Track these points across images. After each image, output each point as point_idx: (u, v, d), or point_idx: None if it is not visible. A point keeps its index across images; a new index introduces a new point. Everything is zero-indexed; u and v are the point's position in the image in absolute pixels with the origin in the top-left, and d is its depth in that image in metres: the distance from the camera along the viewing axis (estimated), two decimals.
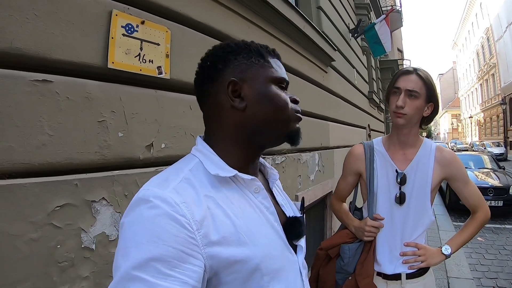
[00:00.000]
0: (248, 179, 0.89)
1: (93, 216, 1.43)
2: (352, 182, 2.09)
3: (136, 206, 0.75)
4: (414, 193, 1.85)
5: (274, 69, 0.94)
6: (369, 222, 1.87)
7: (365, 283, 1.82)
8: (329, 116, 4.89)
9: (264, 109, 0.90)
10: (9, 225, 1.17)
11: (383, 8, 11.24)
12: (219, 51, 0.92)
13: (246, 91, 0.90)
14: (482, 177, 10.40)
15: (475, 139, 49.15)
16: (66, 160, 1.36)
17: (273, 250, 0.87)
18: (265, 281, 0.82)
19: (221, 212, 0.80)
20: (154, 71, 1.73)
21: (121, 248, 0.72)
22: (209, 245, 0.75)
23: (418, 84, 1.78)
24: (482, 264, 5.81)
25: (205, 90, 0.93)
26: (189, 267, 0.71)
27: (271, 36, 3.13)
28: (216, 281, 0.78)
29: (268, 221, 0.90)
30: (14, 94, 1.21)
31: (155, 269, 0.67)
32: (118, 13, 1.57)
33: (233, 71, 0.90)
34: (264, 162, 1.08)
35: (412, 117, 1.80)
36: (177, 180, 0.80)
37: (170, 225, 0.71)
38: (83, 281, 1.39)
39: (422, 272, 1.90)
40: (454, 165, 1.88)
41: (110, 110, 1.53)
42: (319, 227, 4.64)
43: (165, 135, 1.80)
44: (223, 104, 0.90)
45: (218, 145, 0.91)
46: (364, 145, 2.02)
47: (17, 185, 1.20)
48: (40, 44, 1.29)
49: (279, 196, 1.05)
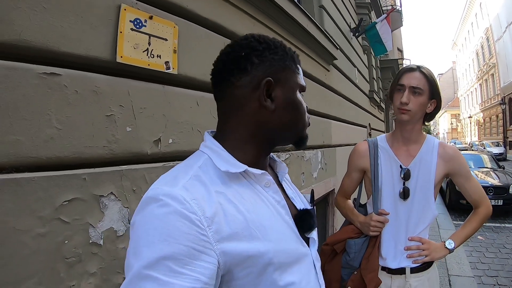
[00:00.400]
0: (258, 173, 0.88)
1: (101, 211, 1.42)
2: (357, 179, 2.12)
3: (147, 205, 0.74)
4: (417, 188, 1.88)
5: (300, 76, 0.97)
6: (375, 217, 1.90)
7: (370, 277, 1.84)
8: (331, 115, 4.89)
9: (290, 114, 0.92)
10: (16, 220, 1.15)
11: (384, 7, 11.26)
12: (255, 44, 0.89)
13: (277, 93, 0.89)
14: (482, 176, 10.47)
15: (475, 139, 49.24)
16: (74, 154, 1.34)
17: (285, 244, 0.86)
18: (277, 275, 0.82)
19: (233, 207, 0.80)
20: (162, 66, 1.72)
21: (133, 247, 0.72)
22: (221, 241, 0.74)
23: (422, 81, 1.82)
24: (483, 262, 5.84)
25: (230, 81, 0.89)
26: (201, 264, 0.70)
27: (275, 33, 3.12)
28: (229, 277, 0.77)
29: (279, 215, 0.90)
30: (22, 87, 1.20)
31: (167, 267, 0.67)
32: (127, 7, 1.56)
33: (268, 70, 0.88)
34: (273, 156, 1.08)
35: (415, 113, 1.83)
36: (186, 178, 0.80)
37: (180, 222, 0.70)
38: (91, 277, 1.38)
39: (426, 267, 1.93)
40: (457, 160, 1.92)
41: (118, 104, 1.51)
42: (321, 225, 4.64)
43: (173, 131, 1.79)
44: (249, 99, 0.88)
45: (229, 139, 0.90)
46: (368, 142, 2.05)
47: (25, 179, 1.18)
48: (48, 37, 1.28)
49: (289, 190, 1.05)
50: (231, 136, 0.91)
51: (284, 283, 0.82)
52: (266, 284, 0.81)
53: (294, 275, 0.85)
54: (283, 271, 0.83)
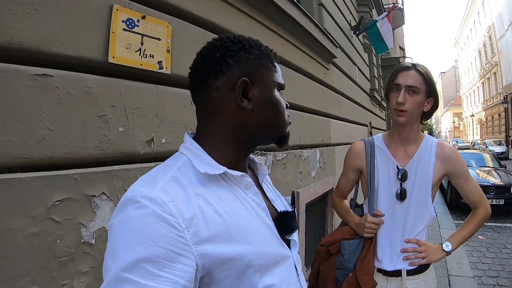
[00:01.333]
0: (238, 175, 0.88)
1: (93, 211, 1.43)
2: (353, 179, 2.09)
3: (124, 206, 0.73)
4: (415, 189, 1.84)
5: (278, 74, 0.95)
6: (369, 219, 1.87)
7: (365, 280, 1.81)
8: (331, 113, 4.89)
9: (268, 113, 0.91)
10: (9, 220, 1.17)
11: (385, 5, 11.22)
12: (230, 45, 0.89)
13: (254, 93, 0.89)
14: (484, 176, 10.37)
15: (477, 138, 48.96)
16: (66, 155, 1.35)
17: (265, 246, 0.86)
18: (257, 277, 0.81)
19: (211, 209, 0.79)
20: (155, 66, 1.73)
21: (110, 249, 0.71)
22: (199, 243, 0.74)
23: (418, 79, 1.78)
24: (483, 262, 5.80)
25: (206, 83, 0.88)
26: (179, 266, 0.70)
27: (272, 32, 3.13)
28: (209, 279, 0.77)
29: (259, 217, 0.89)
30: (14, 89, 1.21)
31: (145, 270, 0.67)
32: (119, 7, 1.57)
33: (244, 70, 0.88)
34: (253, 157, 1.07)
35: (413, 113, 1.80)
36: (165, 179, 0.79)
37: (158, 224, 0.70)
38: (83, 276, 1.39)
39: (422, 269, 1.89)
40: (455, 161, 1.87)
41: (111, 104, 1.53)
42: (320, 224, 4.64)
43: (166, 130, 1.80)
44: (226, 101, 0.88)
45: (209, 141, 0.90)
46: (365, 141, 2.01)
47: (17, 179, 1.20)
48: (40, 38, 1.29)
49: (269, 192, 1.04)
50: (210, 137, 0.90)
51: (263, 286, 0.82)
52: (246, 287, 0.80)
53: (274, 278, 0.85)
54: (263, 274, 0.83)
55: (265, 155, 2.89)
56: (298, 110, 3.67)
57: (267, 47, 0.95)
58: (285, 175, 3.29)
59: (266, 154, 2.90)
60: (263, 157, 2.84)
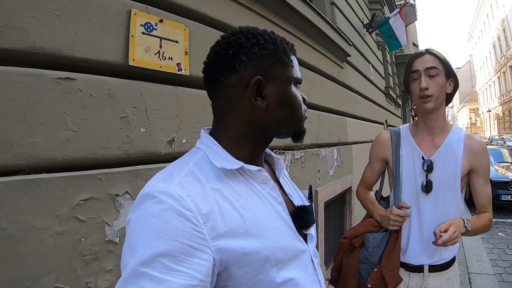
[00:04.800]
0: (255, 170, 0.87)
1: (116, 210, 1.46)
2: (379, 169, 2.04)
3: (142, 202, 0.74)
4: (442, 181, 1.77)
5: (295, 69, 0.92)
6: (395, 211, 1.80)
7: (391, 276, 1.78)
8: (347, 112, 4.87)
9: (284, 111, 0.89)
10: (34, 219, 1.20)
11: (397, 2, 11.11)
12: (243, 40, 0.86)
13: (269, 90, 0.86)
14: (502, 171, 10.17)
15: (494, 133, 47.95)
16: (90, 155, 1.39)
17: (282, 240, 0.85)
18: (275, 272, 0.81)
19: (228, 204, 0.79)
20: (174, 68, 1.76)
21: (128, 244, 0.72)
22: (217, 238, 0.74)
23: (435, 61, 1.75)
24: (504, 259, 5.69)
25: (220, 81, 0.87)
26: (197, 261, 0.70)
27: (286, 32, 3.13)
28: (227, 275, 0.77)
29: (276, 211, 0.89)
30: (38, 92, 1.25)
31: (162, 264, 0.67)
32: (137, 12, 1.60)
33: (258, 67, 0.85)
34: (270, 152, 1.06)
35: (438, 96, 1.74)
36: (182, 174, 0.79)
37: (176, 219, 0.70)
38: (107, 274, 1.42)
39: (445, 266, 1.84)
40: (481, 157, 1.79)
41: (132, 106, 1.56)
42: (338, 223, 4.61)
43: (186, 131, 1.83)
44: (240, 99, 0.86)
45: (225, 137, 0.89)
46: (390, 131, 1.97)
47: (42, 179, 1.23)
48: (62, 43, 1.33)
49: (286, 186, 1.03)
50: (226, 133, 0.89)
51: (281, 280, 0.82)
52: (264, 281, 0.80)
53: (292, 272, 0.85)
54: (281, 268, 0.82)
55: (284, 153, 2.90)
56: (314, 109, 3.67)
57: (283, 39, 0.92)
58: (303, 174, 3.29)
59: (284, 153, 2.91)
60: (282, 155, 2.84)
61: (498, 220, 8.07)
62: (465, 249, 5.80)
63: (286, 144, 2.92)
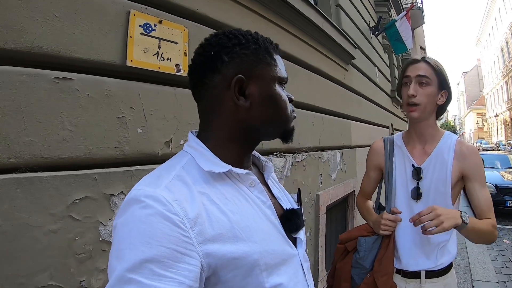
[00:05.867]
0: (243, 173, 0.87)
1: (111, 210, 1.47)
2: (375, 178, 2.05)
3: (128, 206, 0.73)
4: (432, 188, 1.77)
5: (278, 68, 0.91)
6: (386, 216, 1.80)
7: (383, 281, 1.76)
8: (351, 115, 4.86)
9: (268, 109, 0.89)
10: (29, 217, 1.22)
11: (404, 5, 11.06)
12: (225, 41, 0.86)
13: (252, 89, 0.86)
14: (509, 177, 10.05)
15: (501, 139, 47.46)
16: (85, 155, 1.40)
17: (271, 244, 0.84)
18: (264, 277, 0.80)
19: (216, 208, 0.78)
20: (172, 69, 1.76)
21: (115, 249, 0.71)
22: (204, 242, 0.73)
23: (428, 70, 1.73)
24: (508, 267, 5.63)
25: (204, 82, 0.87)
26: (185, 266, 0.69)
27: (289, 34, 3.13)
28: (216, 280, 0.76)
29: (265, 215, 0.88)
30: (36, 92, 1.26)
31: (150, 270, 0.66)
32: (136, 13, 1.61)
33: (239, 66, 0.85)
34: (258, 155, 1.06)
35: (425, 106, 1.73)
36: (169, 178, 0.78)
37: (162, 224, 0.69)
38: (100, 274, 1.43)
39: (442, 272, 1.83)
40: (472, 160, 1.75)
41: (129, 106, 1.57)
42: (341, 227, 4.59)
43: (184, 132, 1.83)
44: (224, 99, 0.86)
45: (212, 140, 0.89)
46: (384, 140, 1.98)
47: (38, 178, 1.25)
48: (60, 44, 1.34)
49: (275, 189, 1.02)
50: (213, 135, 0.89)
51: (270, 285, 0.81)
52: (253, 285, 0.79)
53: (282, 277, 0.84)
54: (270, 273, 0.81)
55: (284, 156, 2.89)
56: (317, 111, 3.66)
57: (267, 39, 0.92)
58: (305, 177, 3.28)
59: (285, 155, 2.91)
60: (282, 158, 2.84)
61: (504, 226, 8.00)
62: (469, 255, 5.76)
63: (287, 147, 2.92)
